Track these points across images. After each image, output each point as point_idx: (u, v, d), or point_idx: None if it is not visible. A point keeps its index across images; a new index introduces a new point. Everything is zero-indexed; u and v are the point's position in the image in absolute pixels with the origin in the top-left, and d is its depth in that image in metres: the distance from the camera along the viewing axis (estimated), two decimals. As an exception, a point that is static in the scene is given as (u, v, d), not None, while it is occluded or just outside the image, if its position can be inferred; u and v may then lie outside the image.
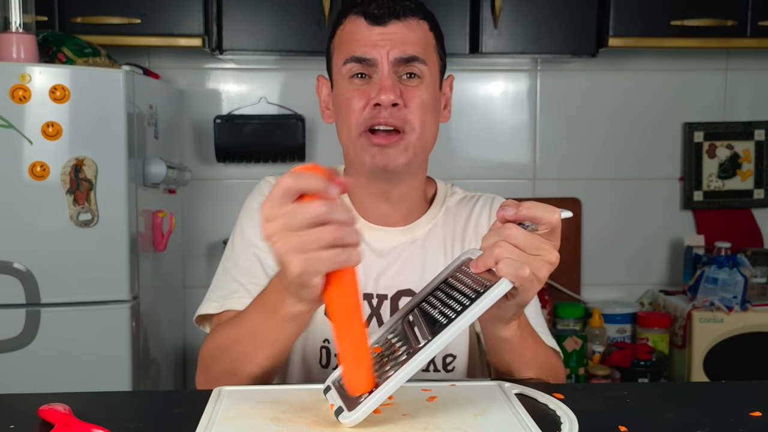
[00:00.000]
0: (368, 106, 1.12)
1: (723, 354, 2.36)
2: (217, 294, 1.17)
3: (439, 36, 1.20)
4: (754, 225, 2.73)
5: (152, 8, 2.23)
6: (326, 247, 0.78)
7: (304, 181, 0.78)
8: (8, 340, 1.87)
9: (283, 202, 0.78)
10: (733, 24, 2.31)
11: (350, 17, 1.16)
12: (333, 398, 0.84)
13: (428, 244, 1.22)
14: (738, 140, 2.71)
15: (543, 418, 0.82)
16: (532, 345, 1.04)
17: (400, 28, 1.13)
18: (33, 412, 0.84)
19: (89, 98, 1.87)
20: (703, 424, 0.82)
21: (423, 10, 1.17)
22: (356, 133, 1.14)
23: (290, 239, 0.78)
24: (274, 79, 2.61)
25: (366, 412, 0.79)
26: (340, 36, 1.18)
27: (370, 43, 1.13)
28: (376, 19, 1.13)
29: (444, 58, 1.22)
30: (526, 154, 2.69)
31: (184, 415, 0.85)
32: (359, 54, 1.13)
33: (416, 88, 1.14)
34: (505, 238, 0.85)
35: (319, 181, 0.78)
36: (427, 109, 1.15)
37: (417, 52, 1.13)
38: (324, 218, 0.77)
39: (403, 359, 0.81)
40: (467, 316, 0.81)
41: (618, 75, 2.68)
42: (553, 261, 0.87)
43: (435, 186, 1.30)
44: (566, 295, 2.64)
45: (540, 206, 0.87)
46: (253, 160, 2.57)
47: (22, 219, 1.86)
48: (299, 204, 0.78)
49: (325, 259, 0.78)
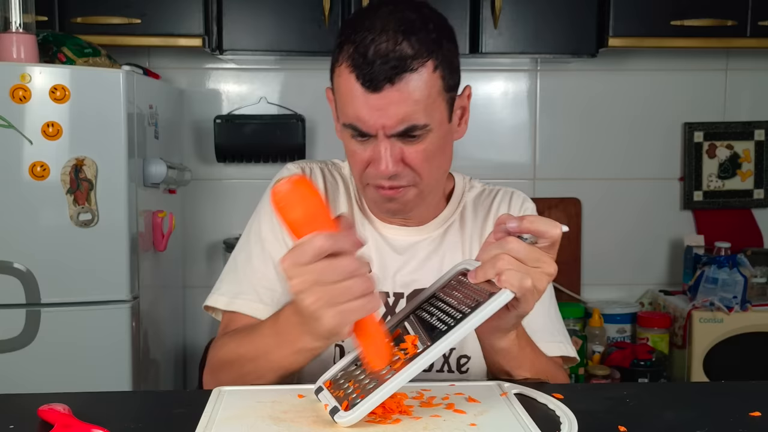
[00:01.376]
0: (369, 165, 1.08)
1: (723, 354, 2.36)
2: (227, 287, 1.17)
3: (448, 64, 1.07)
4: (754, 225, 2.73)
5: (152, 8, 2.23)
6: (357, 298, 0.82)
7: (339, 244, 0.81)
8: (8, 340, 1.87)
9: (313, 260, 0.81)
10: (733, 24, 2.31)
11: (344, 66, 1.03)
12: (326, 398, 0.84)
13: (446, 242, 1.21)
14: (738, 140, 2.71)
15: (542, 418, 0.82)
16: (531, 354, 1.05)
17: (394, 94, 1.01)
18: (33, 412, 0.84)
19: (89, 98, 1.87)
20: (703, 424, 0.82)
21: (426, 46, 1.02)
22: (361, 186, 1.13)
23: (322, 294, 0.82)
24: (274, 79, 2.61)
25: (363, 413, 0.79)
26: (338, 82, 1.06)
27: (365, 113, 1.03)
28: (370, 84, 1.01)
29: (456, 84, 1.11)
30: (526, 154, 2.69)
31: (184, 415, 0.85)
32: (354, 123, 1.05)
33: (418, 145, 1.07)
34: (507, 252, 0.87)
35: (350, 243, 0.82)
36: (434, 155, 1.10)
37: (416, 119, 1.03)
38: (355, 273, 0.81)
39: (399, 364, 0.82)
40: (469, 323, 0.82)
41: (618, 75, 2.68)
42: (552, 273, 0.89)
43: (453, 180, 1.28)
44: (566, 295, 2.64)
45: (542, 220, 0.89)
46: (253, 160, 2.57)
47: (22, 219, 1.86)
48: (332, 261, 0.81)
49: (356, 309, 0.82)
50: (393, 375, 0.80)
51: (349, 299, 0.82)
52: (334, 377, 0.89)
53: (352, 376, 0.87)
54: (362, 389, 0.82)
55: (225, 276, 1.20)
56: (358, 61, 1.01)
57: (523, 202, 1.27)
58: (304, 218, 0.81)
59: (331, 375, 0.90)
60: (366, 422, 0.80)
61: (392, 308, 1.17)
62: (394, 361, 0.83)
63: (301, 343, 0.91)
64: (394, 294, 1.18)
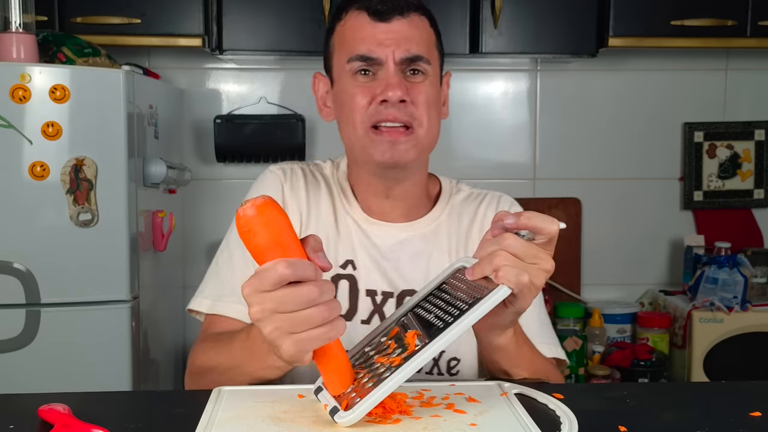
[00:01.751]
0: (374, 102, 1.12)
1: (723, 354, 2.36)
2: (210, 291, 1.18)
3: (438, 32, 1.20)
4: (754, 225, 2.73)
5: (152, 8, 2.23)
6: (317, 326, 0.80)
7: (301, 272, 0.78)
8: (8, 340, 1.87)
9: (274, 288, 0.79)
10: (733, 24, 2.31)
11: (352, 12, 1.15)
12: (326, 398, 0.84)
13: (432, 242, 1.21)
14: (738, 140, 2.71)
15: (543, 418, 0.82)
16: (528, 353, 1.05)
17: (404, 25, 1.12)
18: (33, 412, 0.84)
19: (89, 98, 1.87)
20: (703, 424, 0.82)
21: (423, 7, 1.17)
22: (362, 130, 1.13)
23: (281, 322, 0.80)
24: (274, 79, 2.61)
25: (363, 413, 0.79)
26: (341, 32, 1.16)
27: (375, 41, 1.12)
28: (380, 15, 1.12)
29: (443, 55, 1.22)
30: (526, 154, 2.69)
31: (184, 415, 0.85)
32: (364, 52, 1.12)
33: (421, 84, 1.14)
34: (504, 248, 0.86)
35: (312, 270, 0.79)
36: (432, 105, 1.15)
37: (421, 51, 1.13)
38: (316, 301, 0.79)
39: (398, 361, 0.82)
40: (467, 319, 0.82)
41: (618, 75, 2.68)
42: (549, 269, 0.89)
43: (439, 184, 1.29)
44: (566, 295, 2.64)
45: (539, 216, 0.88)
46: (253, 160, 2.57)
47: (22, 219, 1.86)
48: (292, 289, 0.79)
49: (315, 338, 0.80)
50: (392, 373, 0.80)
51: (307, 328, 0.80)
52: None
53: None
54: (361, 389, 0.82)
55: (207, 279, 1.21)
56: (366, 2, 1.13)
57: (510, 205, 1.28)
58: (268, 244, 0.79)
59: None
60: (366, 422, 0.80)
61: (380, 307, 1.18)
62: (392, 359, 0.83)
63: (270, 361, 0.93)
64: (382, 293, 1.18)
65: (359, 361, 0.88)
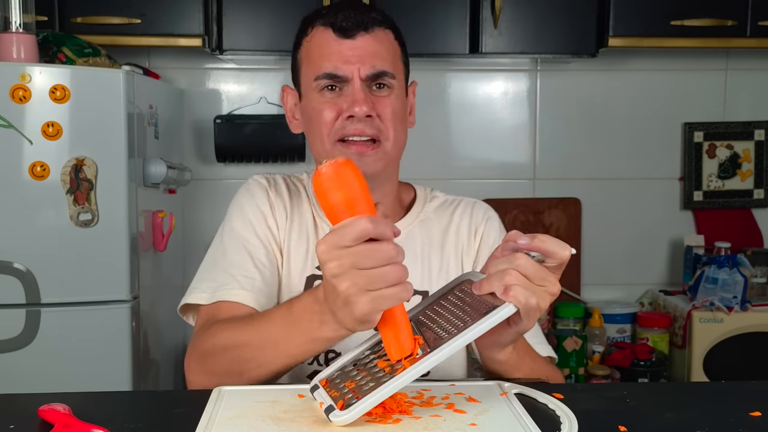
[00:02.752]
0: (340, 117, 1.15)
1: (723, 354, 2.36)
2: (206, 285, 1.17)
3: (403, 44, 1.22)
4: (754, 225, 2.73)
5: (152, 8, 2.23)
6: (392, 285, 0.81)
7: (383, 230, 0.80)
8: (8, 340, 1.87)
9: (354, 243, 0.80)
10: (733, 24, 2.31)
11: (317, 28, 1.17)
12: (321, 397, 0.84)
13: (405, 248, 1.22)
14: (738, 140, 2.71)
15: (543, 418, 0.82)
16: (530, 362, 1.06)
17: (368, 41, 1.15)
18: (33, 412, 0.84)
19: (89, 98, 1.87)
20: (703, 424, 0.82)
21: (387, 20, 1.19)
22: (330, 144, 1.16)
23: (359, 278, 0.81)
24: (274, 79, 2.61)
25: (359, 414, 0.79)
26: (308, 48, 1.18)
27: (341, 58, 1.14)
28: (345, 32, 1.14)
29: (408, 66, 1.24)
30: (526, 154, 2.69)
31: (184, 415, 0.85)
32: (330, 70, 1.14)
33: (387, 98, 1.17)
34: (515, 267, 0.87)
35: (390, 229, 0.81)
36: (398, 117, 1.18)
37: (386, 66, 1.15)
38: (393, 260, 0.81)
39: (399, 367, 0.82)
40: (471, 332, 0.82)
41: (618, 75, 2.68)
42: (555, 293, 0.90)
43: (414, 192, 1.31)
44: (566, 295, 2.64)
45: (553, 240, 0.90)
46: (253, 160, 2.57)
47: (22, 219, 1.86)
48: (372, 245, 0.80)
49: (391, 296, 0.81)
50: (391, 377, 0.80)
51: (384, 286, 0.81)
52: (331, 377, 0.89)
53: (349, 377, 0.87)
54: (359, 390, 0.82)
55: (201, 275, 1.20)
56: (330, 18, 1.15)
57: (485, 212, 1.30)
58: (346, 202, 0.80)
59: (328, 374, 0.90)
60: (366, 422, 0.80)
61: None
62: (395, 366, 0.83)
63: (320, 332, 0.91)
64: None
65: (360, 363, 0.89)
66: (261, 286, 1.15)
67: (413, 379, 0.80)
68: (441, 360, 0.82)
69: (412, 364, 0.81)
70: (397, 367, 0.82)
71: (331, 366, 0.92)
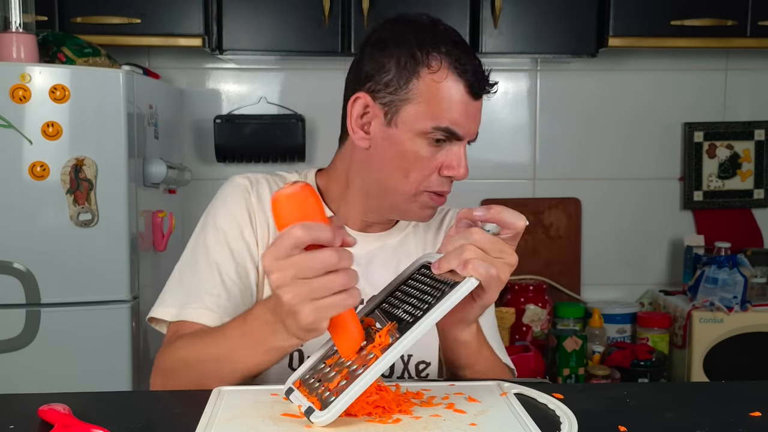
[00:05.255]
0: (436, 173, 1.12)
1: (723, 354, 2.36)
2: (173, 299, 1.15)
3: None
4: (754, 225, 2.73)
5: (152, 8, 2.23)
6: (336, 293, 0.81)
7: (316, 233, 0.80)
8: (8, 340, 1.87)
9: (292, 252, 0.80)
10: (733, 24, 2.31)
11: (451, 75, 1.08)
12: (298, 399, 0.84)
13: (401, 251, 1.24)
14: (738, 140, 2.71)
15: (542, 418, 0.82)
16: (489, 355, 1.07)
17: (481, 105, 1.13)
18: (33, 412, 0.84)
19: (89, 98, 1.87)
20: (703, 424, 0.82)
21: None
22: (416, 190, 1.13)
23: (301, 288, 0.80)
24: (274, 79, 2.61)
25: (339, 411, 0.78)
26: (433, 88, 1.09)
27: (465, 118, 1.10)
28: (476, 94, 1.10)
29: None
30: (526, 154, 2.69)
31: (184, 415, 0.85)
32: (454, 129, 1.09)
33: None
34: (471, 242, 0.89)
35: (328, 233, 0.80)
36: None
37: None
38: (335, 266, 0.80)
39: (371, 357, 0.81)
40: (438, 311, 0.83)
41: (618, 75, 2.68)
42: (513, 263, 0.91)
43: None
44: (566, 295, 2.64)
45: (508, 211, 0.91)
46: (253, 160, 2.57)
47: (22, 219, 1.86)
48: (311, 253, 0.80)
49: (335, 305, 0.81)
50: (365, 370, 0.80)
51: (327, 294, 0.81)
52: (304, 377, 0.88)
53: (323, 374, 0.86)
54: (335, 387, 0.81)
55: (169, 287, 1.19)
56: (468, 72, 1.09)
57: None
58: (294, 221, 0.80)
59: (300, 375, 0.89)
60: (366, 421, 0.80)
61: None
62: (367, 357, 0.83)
63: (273, 342, 0.91)
64: None
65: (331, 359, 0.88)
66: (226, 304, 1.13)
67: (388, 366, 0.81)
68: (412, 343, 0.82)
69: (384, 352, 0.81)
70: (370, 357, 0.82)
71: (301, 366, 0.91)
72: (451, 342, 1.03)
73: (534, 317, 2.53)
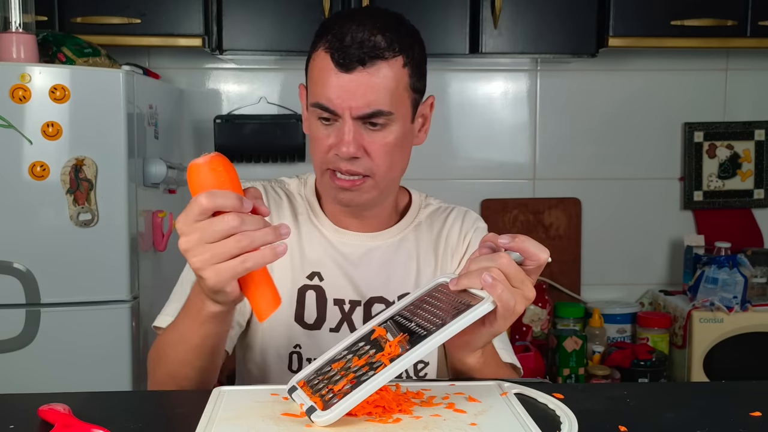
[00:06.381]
0: (331, 150, 1.11)
1: (723, 354, 2.36)
2: (172, 307, 1.17)
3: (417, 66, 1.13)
4: (754, 225, 2.73)
5: (152, 8, 2.23)
6: (235, 256, 0.83)
7: (221, 200, 0.83)
8: (8, 340, 1.87)
9: (199, 218, 0.83)
10: (733, 24, 2.31)
11: (321, 49, 1.10)
12: (300, 398, 0.84)
13: (400, 252, 1.23)
14: (738, 140, 2.71)
15: (543, 418, 0.82)
16: (494, 369, 1.06)
17: (364, 77, 1.07)
18: (33, 412, 0.84)
19: (89, 98, 1.87)
20: (703, 424, 0.82)
21: (398, 43, 1.09)
22: (320, 171, 1.15)
23: (205, 252, 0.84)
24: (274, 79, 2.61)
25: (341, 413, 0.78)
26: (312, 67, 1.13)
27: (334, 93, 1.07)
28: (343, 66, 1.07)
29: (422, 89, 1.16)
30: (526, 154, 2.69)
31: (184, 415, 0.85)
32: (324, 103, 1.09)
33: (380, 133, 1.11)
34: (498, 266, 0.88)
35: (233, 199, 0.83)
36: (394, 149, 1.13)
37: (381, 104, 1.08)
38: (237, 230, 0.83)
39: (379, 366, 0.82)
40: (451, 328, 0.83)
41: (618, 75, 2.68)
42: (530, 298, 0.90)
43: (409, 196, 1.31)
44: (566, 295, 2.64)
45: (533, 242, 0.90)
46: (253, 160, 2.57)
47: (22, 219, 1.86)
48: (213, 219, 0.83)
49: (232, 268, 0.84)
50: (372, 376, 0.80)
51: (226, 258, 0.83)
52: (308, 377, 0.89)
53: (328, 377, 0.86)
54: (340, 390, 0.81)
55: (173, 297, 1.21)
56: (334, 44, 1.07)
57: (475, 221, 1.30)
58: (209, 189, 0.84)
59: (305, 375, 0.89)
60: (366, 421, 0.80)
61: (348, 315, 1.19)
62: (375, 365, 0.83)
63: (204, 311, 0.93)
64: (350, 302, 1.20)
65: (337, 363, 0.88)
66: None
67: (395, 375, 0.81)
68: (421, 356, 0.82)
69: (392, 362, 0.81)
70: (377, 364, 0.82)
71: (308, 367, 0.91)
72: (456, 362, 1.03)
73: (534, 317, 2.53)
